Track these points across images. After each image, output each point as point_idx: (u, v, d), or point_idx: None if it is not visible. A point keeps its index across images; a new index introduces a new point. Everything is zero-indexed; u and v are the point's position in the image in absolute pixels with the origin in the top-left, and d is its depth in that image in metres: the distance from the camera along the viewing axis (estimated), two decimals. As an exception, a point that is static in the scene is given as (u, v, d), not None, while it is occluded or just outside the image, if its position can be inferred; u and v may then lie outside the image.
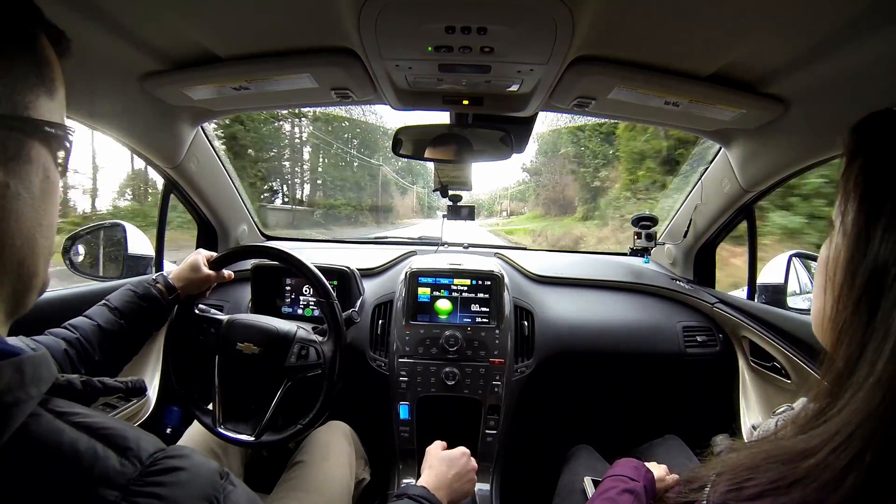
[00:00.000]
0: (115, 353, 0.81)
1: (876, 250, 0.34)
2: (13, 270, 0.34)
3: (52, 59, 0.37)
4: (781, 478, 0.32)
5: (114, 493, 0.29)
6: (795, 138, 1.00)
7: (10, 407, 0.28)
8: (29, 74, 0.34)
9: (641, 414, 1.52)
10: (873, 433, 0.30)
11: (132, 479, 0.30)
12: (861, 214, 0.36)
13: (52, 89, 0.36)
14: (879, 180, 0.35)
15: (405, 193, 33.71)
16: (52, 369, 0.33)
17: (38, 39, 0.35)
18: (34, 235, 0.35)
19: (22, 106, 0.33)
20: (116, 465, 0.30)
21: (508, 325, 1.24)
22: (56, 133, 0.36)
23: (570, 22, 0.69)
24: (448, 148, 1.21)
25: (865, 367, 0.32)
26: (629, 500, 0.71)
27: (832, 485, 0.30)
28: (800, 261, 1.37)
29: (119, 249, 1.32)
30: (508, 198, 33.23)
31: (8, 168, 0.32)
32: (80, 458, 0.29)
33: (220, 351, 0.95)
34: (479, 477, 1.20)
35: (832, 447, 0.31)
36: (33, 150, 0.34)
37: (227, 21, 0.78)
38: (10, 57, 0.33)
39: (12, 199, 0.33)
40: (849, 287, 0.35)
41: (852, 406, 0.32)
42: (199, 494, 0.32)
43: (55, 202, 0.38)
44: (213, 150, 1.36)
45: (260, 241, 1.72)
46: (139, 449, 0.31)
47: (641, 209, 2.47)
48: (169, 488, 0.30)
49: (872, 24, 0.63)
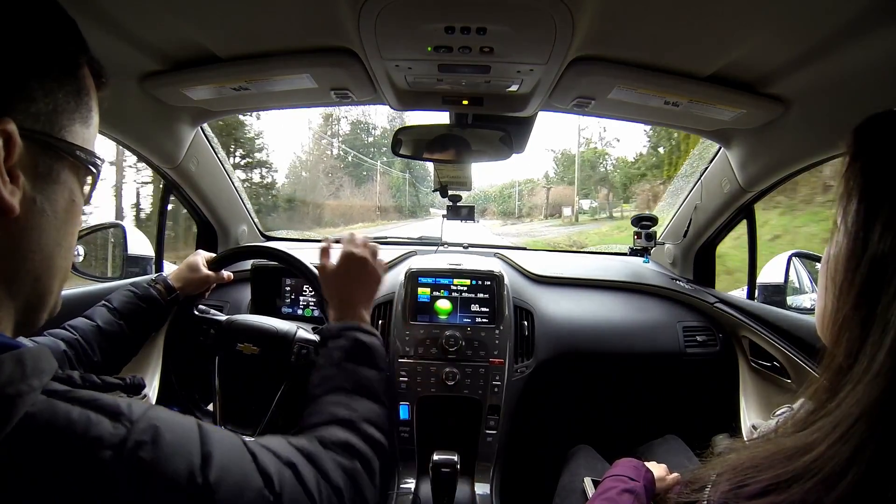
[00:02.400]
0: (114, 353, 0.81)
1: (875, 245, 0.34)
2: (29, 284, 0.36)
3: (91, 89, 0.39)
4: (781, 475, 0.32)
5: (108, 453, 0.31)
6: (795, 138, 1.00)
7: (13, 398, 0.29)
8: (69, 100, 0.36)
9: (641, 414, 1.52)
10: (874, 426, 0.30)
11: (124, 438, 0.32)
12: (860, 212, 0.36)
13: (88, 118, 0.39)
14: (879, 179, 0.36)
15: (362, 183, 29.22)
16: (52, 362, 0.34)
17: (81, 68, 0.38)
18: (53, 254, 0.37)
19: (59, 128, 0.35)
20: (109, 429, 0.32)
21: (508, 326, 1.23)
22: (87, 159, 0.38)
23: (570, 22, 0.69)
24: (448, 148, 1.21)
25: (865, 361, 0.33)
26: (629, 500, 0.71)
27: (833, 479, 0.30)
28: (800, 260, 1.38)
29: (119, 250, 1.33)
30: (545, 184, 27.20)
31: (37, 184, 0.34)
32: (74, 426, 0.31)
33: (220, 351, 0.95)
34: (479, 477, 1.21)
35: (832, 441, 0.31)
36: (63, 172, 0.36)
37: (226, 21, 0.78)
38: (56, 80, 0.35)
39: (38, 213, 0.35)
40: (849, 283, 0.36)
41: (851, 400, 0.32)
42: (182, 441, 0.35)
43: (76, 227, 0.40)
44: (213, 151, 1.36)
45: (259, 241, 1.72)
46: (131, 412, 0.34)
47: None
48: (155, 439, 0.33)
49: (872, 24, 0.63)
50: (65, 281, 0.40)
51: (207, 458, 0.36)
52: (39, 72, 0.34)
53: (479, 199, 30.66)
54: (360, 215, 24.22)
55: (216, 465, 0.36)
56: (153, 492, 0.32)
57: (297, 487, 0.42)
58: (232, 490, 0.36)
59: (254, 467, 0.40)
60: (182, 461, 0.34)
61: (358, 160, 30.24)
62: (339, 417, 0.56)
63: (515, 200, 30.85)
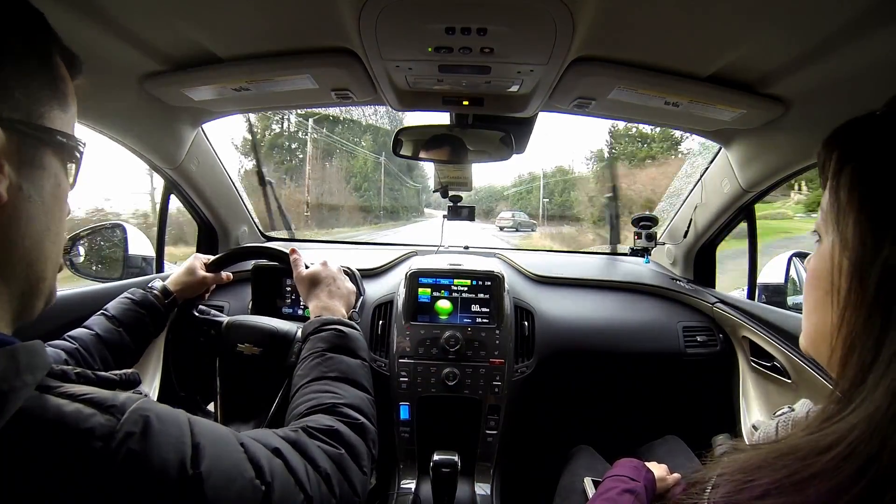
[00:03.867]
0: (115, 361, 0.81)
1: (886, 255, 0.33)
2: (22, 271, 0.36)
3: (65, 76, 0.40)
4: (792, 475, 0.32)
5: (98, 443, 0.31)
6: (795, 138, 1.00)
7: (6, 394, 0.29)
8: (44, 88, 0.37)
9: (642, 414, 1.52)
10: (891, 432, 0.30)
11: (113, 429, 0.32)
12: (864, 219, 0.35)
13: (65, 104, 0.39)
14: (879, 184, 0.35)
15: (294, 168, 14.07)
16: (46, 358, 0.34)
17: (54, 57, 0.38)
18: (43, 239, 0.37)
19: (37, 115, 0.36)
20: (101, 420, 0.33)
21: (509, 326, 1.24)
22: (68, 144, 0.39)
23: (570, 22, 0.69)
24: (448, 148, 1.22)
25: (882, 368, 0.32)
26: (629, 501, 0.71)
27: (847, 483, 0.30)
28: (800, 261, 1.38)
29: (119, 250, 1.33)
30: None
31: (22, 171, 0.35)
32: (65, 420, 0.31)
33: (221, 352, 0.95)
34: (479, 477, 1.21)
35: (849, 442, 0.31)
36: (46, 158, 0.37)
37: (227, 22, 0.78)
38: (28, 71, 0.36)
39: (24, 200, 0.35)
40: (859, 295, 0.35)
41: (870, 405, 0.32)
42: (172, 431, 0.36)
43: (64, 211, 0.40)
44: (214, 151, 1.36)
45: (260, 241, 1.72)
46: (123, 405, 0.34)
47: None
48: (145, 431, 0.34)
49: (872, 24, 0.63)
50: (58, 264, 0.41)
51: (197, 448, 0.36)
52: (12, 63, 0.34)
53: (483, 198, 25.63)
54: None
55: (207, 455, 0.36)
56: (144, 482, 0.33)
57: (286, 476, 0.43)
58: (222, 479, 0.37)
59: (244, 457, 0.40)
60: (172, 451, 0.35)
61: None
62: (324, 403, 0.57)
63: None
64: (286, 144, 16.28)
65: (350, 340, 0.69)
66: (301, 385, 0.61)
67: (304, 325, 0.74)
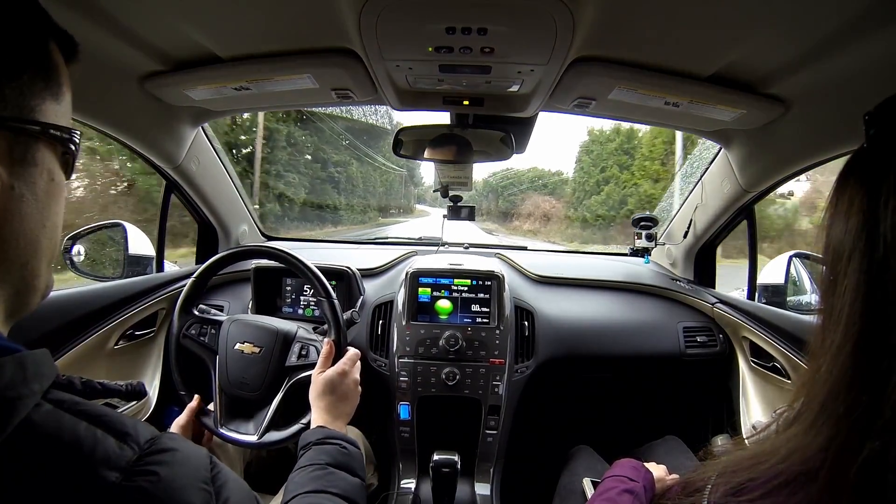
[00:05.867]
0: None
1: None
2: (17, 271, 0.35)
3: (59, 64, 0.38)
4: (779, 476, 0.32)
5: (114, 475, 0.30)
6: (796, 138, 1.00)
7: (14, 402, 0.29)
8: (36, 79, 0.35)
9: (641, 414, 1.52)
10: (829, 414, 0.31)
11: (131, 462, 0.31)
12: None
13: (59, 94, 0.37)
14: None
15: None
16: (53, 367, 0.33)
17: (48, 45, 0.36)
18: (38, 237, 0.36)
19: (28, 109, 0.34)
20: (116, 449, 0.31)
21: (509, 326, 1.24)
22: (62, 136, 0.37)
23: (571, 22, 0.69)
24: (448, 148, 1.22)
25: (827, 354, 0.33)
26: (629, 501, 0.71)
27: (838, 484, 0.30)
28: (800, 261, 1.38)
29: (119, 249, 1.33)
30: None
31: (13, 170, 0.33)
32: (81, 443, 0.30)
33: (221, 351, 0.95)
34: (480, 477, 1.21)
35: (808, 438, 0.31)
36: (38, 153, 0.35)
37: (227, 22, 0.78)
38: (20, 64, 0.34)
39: (16, 200, 0.34)
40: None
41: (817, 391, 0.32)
42: (193, 474, 0.34)
43: (60, 204, 0.39)
44: (214, 151, 1.36)
45: (260, 241, 1.72)
46: (137, 434, 0.33)
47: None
48: (166, 467, 0.32)
49: (872, 24, 0.63)
50: (53, 259, 0.39)
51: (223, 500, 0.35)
52: (2, 59, 0.33)
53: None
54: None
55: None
56: None
57: None
58: None
59: None
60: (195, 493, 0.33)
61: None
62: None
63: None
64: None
65: (353, 459, 0.70)
66: (300, 493, 0.61)
67: (306, 433, 0.75)
